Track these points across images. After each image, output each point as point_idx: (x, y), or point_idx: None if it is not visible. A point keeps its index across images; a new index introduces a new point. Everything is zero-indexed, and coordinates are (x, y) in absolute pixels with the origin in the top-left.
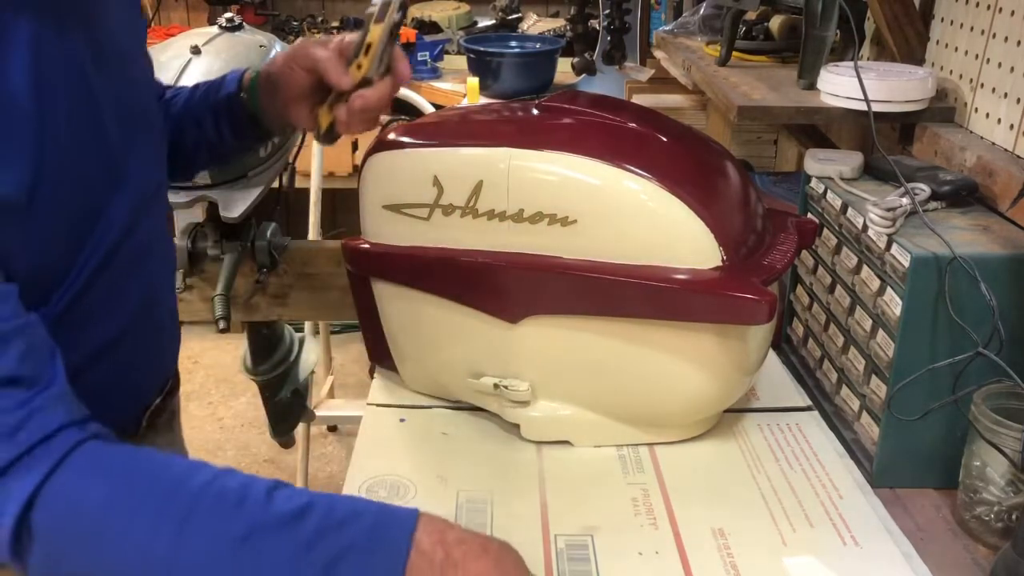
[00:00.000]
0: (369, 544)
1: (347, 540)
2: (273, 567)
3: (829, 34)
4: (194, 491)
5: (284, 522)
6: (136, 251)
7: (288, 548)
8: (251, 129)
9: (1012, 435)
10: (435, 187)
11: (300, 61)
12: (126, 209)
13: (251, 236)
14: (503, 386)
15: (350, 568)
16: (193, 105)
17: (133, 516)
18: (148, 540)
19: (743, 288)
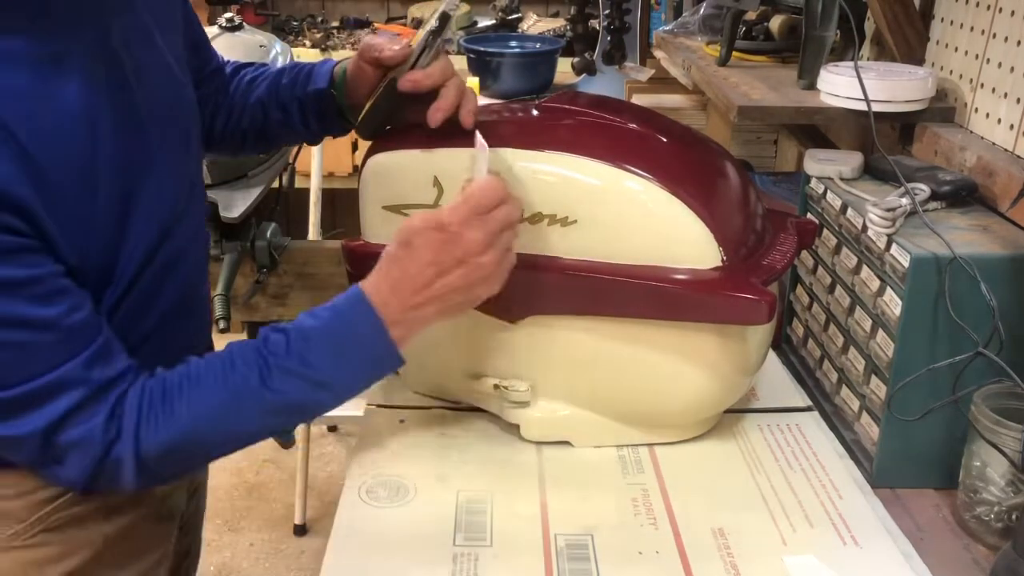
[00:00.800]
0: (351, 332)
1: (335, 344)
2: (302, 392)
3: (829, 34)
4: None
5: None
6: (175, 247)
7: (300, 376)
8: (339, 122)
9: (1012, 435)
10: (435, 188)
11: (364, 56)
12: (167, 207)
13: (251, 236)
14: (503, 386)
15: (351, 354)
16: (279, 92)
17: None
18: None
19: (743, 288)
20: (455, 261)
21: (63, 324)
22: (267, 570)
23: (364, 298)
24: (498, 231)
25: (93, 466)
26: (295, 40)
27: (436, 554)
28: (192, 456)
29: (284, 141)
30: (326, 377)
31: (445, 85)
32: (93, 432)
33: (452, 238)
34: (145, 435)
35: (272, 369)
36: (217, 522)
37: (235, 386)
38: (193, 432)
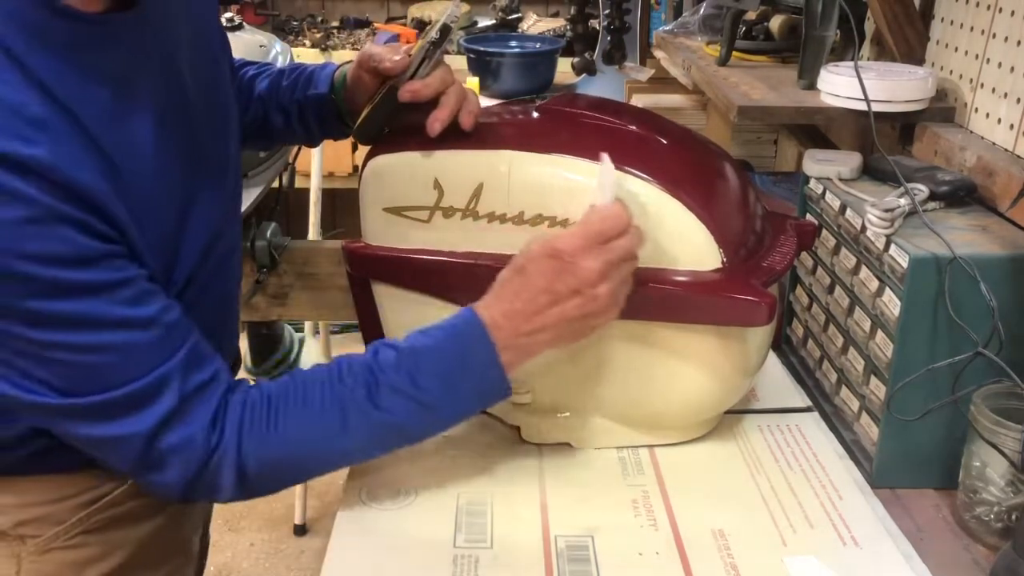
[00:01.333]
0: (463, 354)
1: (446, 366)
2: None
3: (829, 34)
4: (336, 402)
5: (399, 390)
6: (217, 258)
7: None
8: (338, 126)
9: (1012, 435)
10: (436, 189)
11: (363, 65)
12: (215, 218)
13: (251, 236)
14: None
15: (461, 377)
16: (280, 94)
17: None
18: (328, 445)
19: (743, 290)
20: (570, 291)
21: (160, 322)
22: (267, 570)
23: (478, 320)
24: (616, 262)
25: (194, 472)
26: (295, 40)
27: (436, 556)
28: (293, 470)
29: (283, 141)
30: (433, 398)
31: (445, 93)
32: (195, 436)
33: (567, 267)
34: (247, 445)
35: (380, 386)
36: (217, 522)
37: (341, 400)
38: (296, 446)
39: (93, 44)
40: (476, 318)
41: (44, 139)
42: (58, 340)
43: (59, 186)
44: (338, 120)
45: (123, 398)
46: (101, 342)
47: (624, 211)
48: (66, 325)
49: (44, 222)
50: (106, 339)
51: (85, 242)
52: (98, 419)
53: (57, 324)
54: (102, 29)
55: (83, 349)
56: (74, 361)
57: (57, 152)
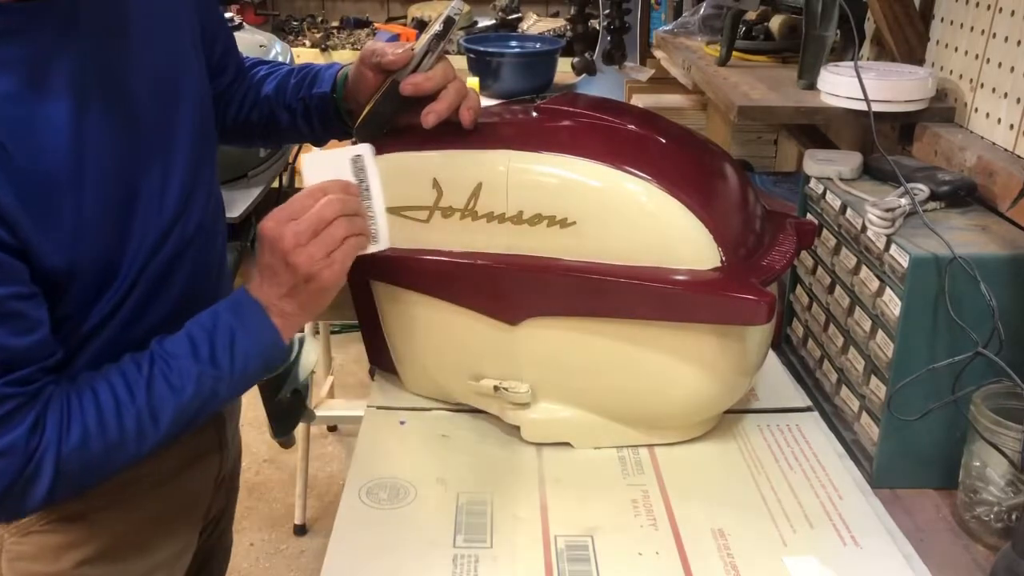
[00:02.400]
0: (239, 324)
1: (225, 337)
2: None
3: (829, 34)
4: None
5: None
6: (178, 243)
7: (195, 367)
8: (340, 125)
9: (1012, 435)
10: (434, 189)
11: (366, 61)
12: (170, 206)
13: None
14: (503, 388)
15: (240, 344)
16: (286, 93)
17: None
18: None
19: (742, 289)
20: (280, 263)
21: (9, 347)
22: (267, 570)
23: (244, 290)
24: (307, 231)
25: (8, 480)
26: (295, 40)
27: (436, 555)
28: (108, 467)
29: (290, 140)
30: (219, 361)
31: (445, 88)
32: (15, 443)
33: (266, 244)
34: (65, 441)
35: (171, 366)
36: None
37: (147, 385)
38: (109, 438)
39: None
40: (243, 290)
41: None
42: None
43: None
44: (338, 119)
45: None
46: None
47: (325, 186)
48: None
49: None
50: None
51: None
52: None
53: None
54: (7, 17)
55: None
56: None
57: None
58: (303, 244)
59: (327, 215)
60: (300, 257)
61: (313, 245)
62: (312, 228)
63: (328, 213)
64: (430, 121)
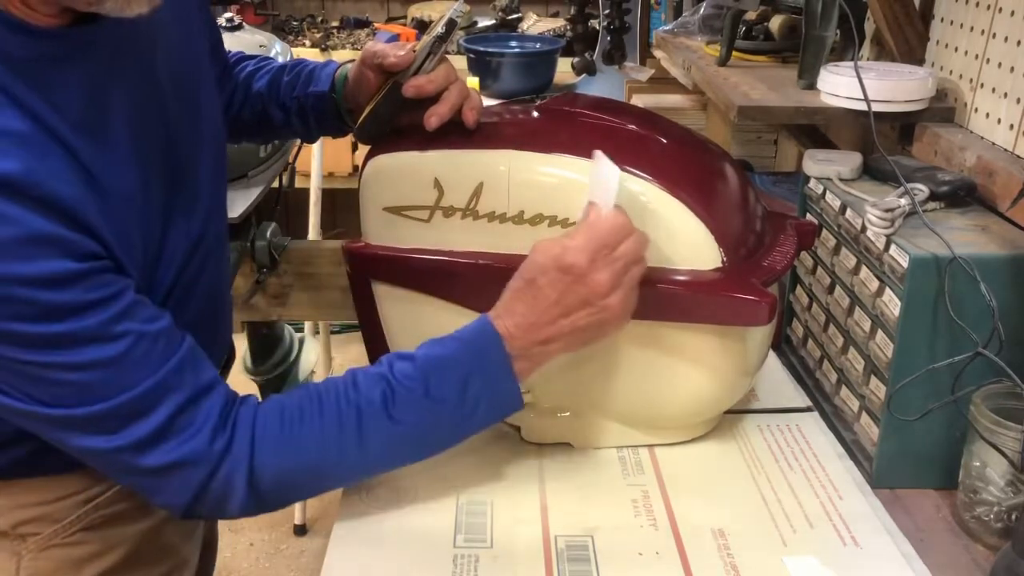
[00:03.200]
0: (478, 363)
1: (462, 374)
2: (425, 423)
3: (829, 34)
4: (352, 411)
5: (415, 399)
6: (203, 255)
7: (424, 407)
8: (337, 125)
9: (1012, 435)
10: (436, 189)
11: (367, 62)
12: (199, 218)
13: (251, 236)
14: None
15: (477, 386)
16: (280, 90)
17: (327, 449)
18: (344, 456)
19: (743, 289)
20: (580, 302)
21: (148, 334)
22: (267, 570)
23: (493, 331)
24: (623, 271)
25: (197, 487)
26: (295, 40)
27: (436, 555)
28: (307, 483)
29: (282, 137)
30: (448, 408)
31: (447, 89)
32: (195, 450)
33: (577, 280)
34: (261, 457)
35: (396, 395)
36: (217, 522)
37: (358, 410)
38: (312, 456)
39: (58, 58)
40: (491, 329)
41: (21, 153)
42: (47, 361)
43: (41, 202)
44: (337, 118)
45: (112, 410)
46: (90, 359)
47: (625, 217)
48: (54, 345)
49: (29, 242)
50: (94, 355)
51: (71, 261)
52: (87, 431)
53: (45, 345)
54: (65, 43)
55: (72, 368)
56: (63, 379)
57: (36, 167)
58: (616, 287)
59: (638, 257)
60: (612, 300)
61: (623, 290)
62: (623, 270)
63: (639, 255)
64: (432, 124)
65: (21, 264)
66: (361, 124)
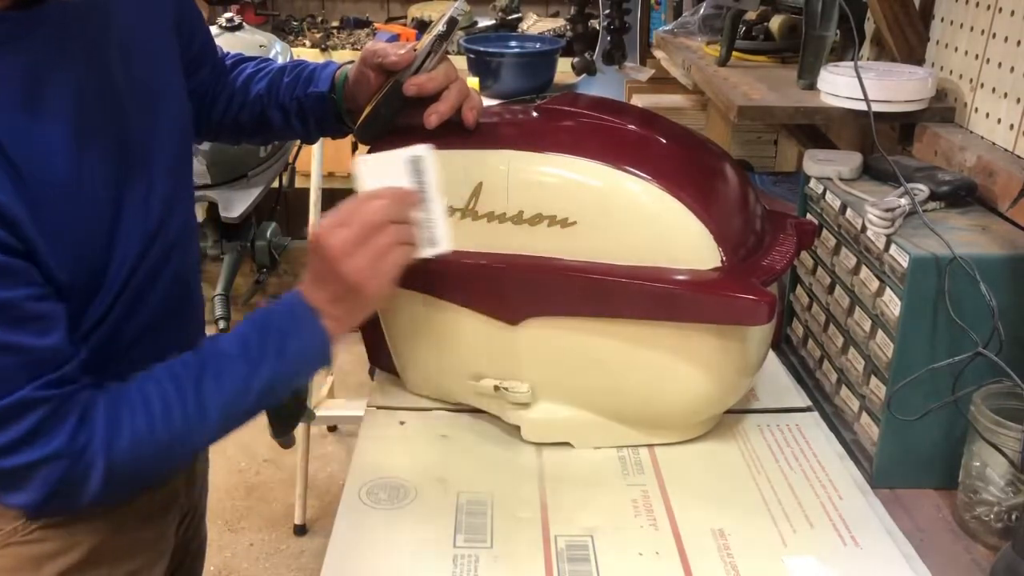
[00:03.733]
0: (292, 326)
1: (276, 338)
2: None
3: (829, 34)
4: (190, 382)
5: (236, 359)
6: (164, 246)
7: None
8: (337, 125)
9: (1012, 435)
10: None
11: (367, 62)
12: (156, 211)
13: (251, 236)
14: (503, 388)
15: (291, 346)
16: (279, 91)
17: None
18: (187, 428)
19: (743, 289)
20: (329, 271)
21: (33, 348)
22: (267, 570)
23: (297, 292)
24: (360, 238)
25: (58, 480)
26: (295, 40)
27: (436, 555)
28: (158, 462)
29: (282, 137)
30: (269, 360)
31: (447, 88)
32: (61, 444)
33: (321, 250)
34: (117, 443)
35: (221, 358)
36: (217, 522)
37: (196, 381)
38: (161, 435)
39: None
40: (297, 293)
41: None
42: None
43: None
44: (336, 119)
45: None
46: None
47: (378, 191)
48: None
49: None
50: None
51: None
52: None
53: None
54: (4, 26)
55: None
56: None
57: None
58: (350, 253)
59: (376, 222)
60: (347, 266)
61: (360, 255)
62: (359, 236)
63: (377, 220)
64: (433, 122)
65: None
66: (362, 124)
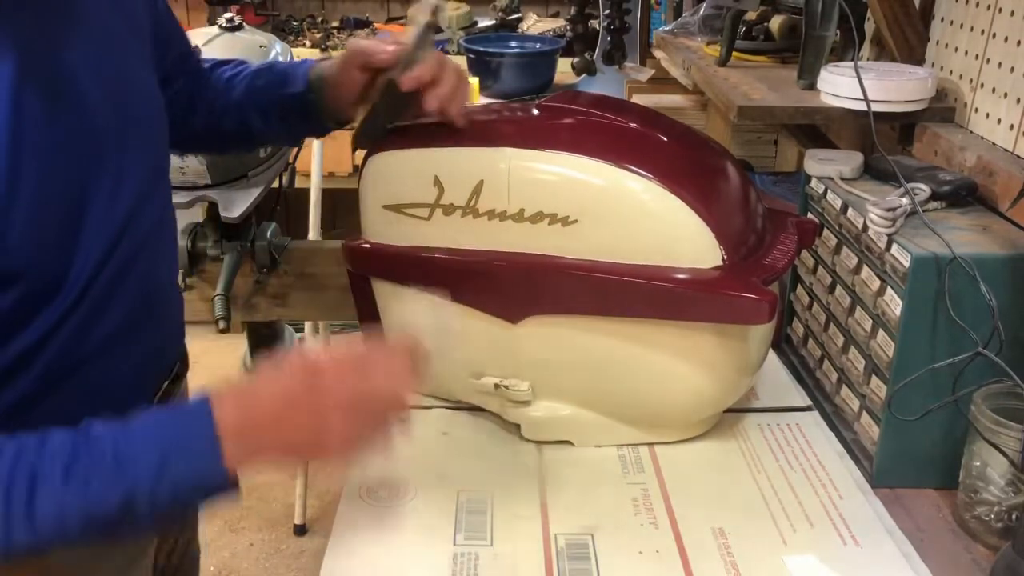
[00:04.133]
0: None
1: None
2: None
3: (829, 34)
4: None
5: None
6: (132, 244)
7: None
8: (317, 125)
9: (1012, 435)
10: (436, 187)
11: (352, 61)
12: (122, 209)
13: (251, 236)
14: (504, 386)
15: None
16: (256, 95)
17: None
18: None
19: (744, 288)
20: (307, 406)
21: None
22: (267, 570)
23: (205, 395)
24: (364, 398)
25: None
26: (295, 40)
27: (436, 553)
28: None
29: (264, 142)
30: (139, 474)
31: (443, 71)
32: None
33: (315, 383)
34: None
35: (80, 456)
36: (217, 522)
37: (32, 474)
38: None
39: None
40: (205, 399)
41: None
42: None
43: None
44: (317, 119)
45: None
46: None
47: (407, 361)
48: None
49: None
50: None
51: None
52: None
53: None
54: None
55: None
56: None
57: None
58: (345, 407)
59: (384, 395)
60: (332, 419)
61: (351, 417)
62: (362, 401)
63: (387, 394)
64: (434, 106)
65: None
66: (361, 128)
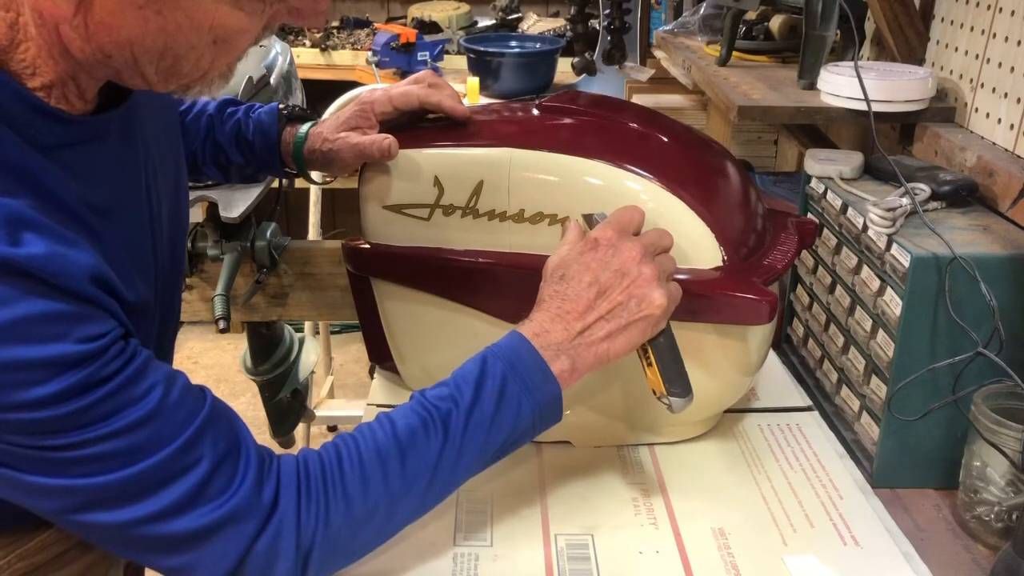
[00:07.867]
0: (511, 367)
1: (497, 383)
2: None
3: (829, 34)
4: (392, 445)
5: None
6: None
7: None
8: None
9: (1012, 435)
10: (436, 187)
11: (349, 150)
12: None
13: (251, 236)
14: None
15: (514, 391)
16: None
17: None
18: (391, 499)
19: (744, 288)
20: (615, 274)
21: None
22: None
23: (519, 334)
24: (651, 247)
25: (245, 548)
26: (295, 40)
27: (436, 554)
28: (361, 538)
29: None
30: (488, 419)
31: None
32: (245, 498)
33: (607, 250)
34: (306, 516)
35: (433, 417)
36: None
37: (397, 444)
38: (359, 506)
39: (85, 142)
40: (517, 333)
41: (34, 238)
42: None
43: (55, 286)
44: (280, 168)
45: (144, 474)
46: (118, 427)
47: (641, 209)
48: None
49: (44, 321)
50: (123, 422)
51: (89, 336)
52: (114, 505)
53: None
54: (90, 128)
55: (98, 440)
56: (88, 455)
57: (62, 252)
58: (637, 255)
59: (666, 243)
60: (647, 269)
61: (650, 259)
62: (646, 244)
63: (667, 241)
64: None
65: (35, 345)
66: None
